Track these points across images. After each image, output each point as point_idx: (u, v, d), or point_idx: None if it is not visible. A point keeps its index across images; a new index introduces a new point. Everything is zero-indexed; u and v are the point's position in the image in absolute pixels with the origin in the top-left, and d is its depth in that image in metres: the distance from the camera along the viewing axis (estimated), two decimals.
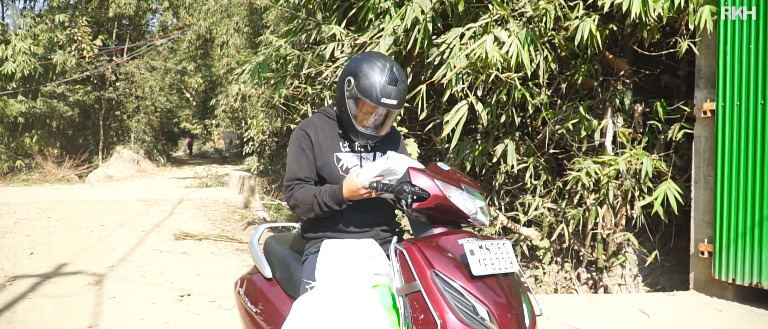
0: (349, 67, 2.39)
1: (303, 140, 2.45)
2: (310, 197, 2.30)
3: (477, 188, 2.16)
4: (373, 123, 2.39)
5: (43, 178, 18.33)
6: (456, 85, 4.34)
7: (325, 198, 2.28)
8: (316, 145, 2.45)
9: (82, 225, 7.62)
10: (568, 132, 4.78)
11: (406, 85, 2.41)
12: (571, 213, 4.86)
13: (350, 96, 2.36)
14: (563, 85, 4.88)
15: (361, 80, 2.32)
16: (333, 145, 2.48)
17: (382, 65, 2.34)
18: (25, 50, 16.86)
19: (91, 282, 5.49)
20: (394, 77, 2.32)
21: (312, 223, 2.50)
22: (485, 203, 2.15)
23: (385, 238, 2.49)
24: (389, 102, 2.31)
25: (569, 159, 5.05)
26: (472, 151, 4.98)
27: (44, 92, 19.21)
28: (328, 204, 2.27)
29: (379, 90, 2.29)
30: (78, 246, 6.68)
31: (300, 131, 2.47)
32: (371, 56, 2.39)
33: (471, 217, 2.07)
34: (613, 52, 4.91)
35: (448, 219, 2.10)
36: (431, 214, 2.08)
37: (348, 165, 2.48)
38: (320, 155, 2.44)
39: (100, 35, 19.80)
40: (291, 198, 2.37)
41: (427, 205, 2.02)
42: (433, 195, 2.00)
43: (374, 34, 4.94)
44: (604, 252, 5.00)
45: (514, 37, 4.17)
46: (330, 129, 2.51)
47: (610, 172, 4.59)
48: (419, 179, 2.03)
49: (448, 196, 2.01)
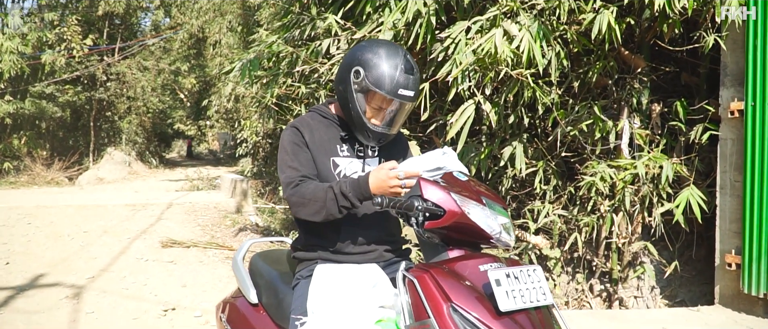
0: (354, 57, 2.05)
1: (296, 137, 2.10)
2: (323, 191, 1.93)
3: (500, 202, 1.81)
4: (386, 119, 2.07)
5: (31, 181, 17.89)
6: (462, 83, 4.00)
7: (346, 189, 1.89)
8: (312, 145, 2.10)
9: (63, 233, 7.24)
10: (581, 133, 4.44)
11: (420, 75, 2.09)
12: (584, 221, 4.53)
13: (359, 89, 2.03)
14: (575, 84, 4.55)
15: (373, 70, 1.98)
16: (329, 148, 2.13)
17: (394, 52, 2.02)
18: (12, 50, 16.43)
19: (68, 296, 5.12)
20: (409, 66, 2.01)
21: (304, 240, 2.15)
22: (509, 219, 1.81)
23: (390, 260, 2.15)
24: (406, 93, 2.00)
25: (581, 162, 4.72)
26: (478, 154, 4.64)
27: (33, 93, 18.77)
28: (347, 196, 1.89)
29: (395, 80, 1.97)
30: (57, 256, 6.30)
31: (292, 129, 2.12)
32: (379, 43, 2.06)
33: (494, 237, 1.73)
34: (629, 48, 4.58)
35: (465, 240, 1.75)
36: (446, 234, 1.73)
37: (346, 171, 2.14)
38: (315, 158, 2.10)
39: (90, 34, 19.34)
40: (295, 195, 1.98)
41: (441, 224, 1.67)
42: (449, 211, 1.66)
43: (373, 29, 4.60)
44: (619, 263, 4.67)
45: (526, 31, 3.83)
46: (325, 130, 2.17)
47: (627, 177, 4.26)
48: (432, 192, 1.69)
49: (466, 213, 1.67)
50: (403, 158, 2.29)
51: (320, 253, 2.10)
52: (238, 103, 13.79)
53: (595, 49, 4.41)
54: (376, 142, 2.12)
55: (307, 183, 1.99)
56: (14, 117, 18.38)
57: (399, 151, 2.31)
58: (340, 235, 2.04)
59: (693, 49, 4.22)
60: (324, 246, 2.09)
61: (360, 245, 2.08)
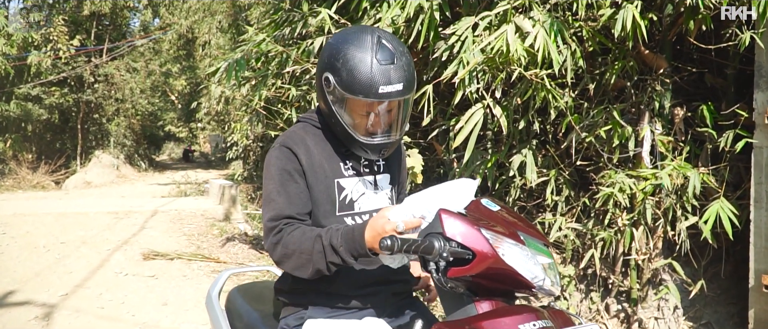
0: (321, 59, 1.63)
1: (288, 162, 1.66)
2: (311, 241, 1.52)
3: (540, 237, 1.41)
4: (381, 125, 1.64)
5: (16, 185, 17.41)
6: (470, 85, 3.60)
7: (337, 242, 1.49)
8: (310, 169, 1.66)
9: (39, 243, 6.80)
10: (597, 140, 4.06)
11: (409, 58, 1.62)
12: (600, 236, 4.14)
13: (335, 99, 1.60)
14: (591, 86, 4.16)
15: (341, 72, 1.56)
16: (331, 169, 1.70)
17: (362, 40, 1.57)
18: None
19: (38, 316, 4.71)
20: (388, 53, 1.56)
21: (291, 280, 1.74)
22: (552, 260, 1.41)
23: (399, 305, 1.75)
24: (391, 89, 1.55)
25: (596, 171, 4.33)
26: (484, 163, 4.24)
27: (18, 94, 18.29)
28: (337, 251, 1.49)
29: (371, 76, 1.53)
30: (30, 270, 5.87)
31: (283, 150, 1.68)
32: (345, 33, 1.63)
33: (535, 286, 1.33)
34: (650, 47, 4.19)
35: (497, 288, 1.36)
36: (473, 281, 1.33)
37: (354, 196, 1.72)
38: (313, 185, 1.67)
39: (77, 35, 18.89)
40: (278, 245, 1.58)
41: (471, 272, 1.27)
42: (480, 253, 1.26)
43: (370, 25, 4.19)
44: (638, 281, 4.28)
45: (540, 27, 3.44)
46: (324, 144, 1.73)
47: (647, 188, 3.88)
48: (457, 228, 1.28)
49: (501, 256, 1.27)
50: (398, 167, 1.89)
51: (311, 297, 1.69)
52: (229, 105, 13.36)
53: (614, 48, 4.03)
54: (377, 155, 1.71)
55: (292, 228, 1.58)
56: None
57: (394, 159, 1.90)
58: (335, 274, 1.63)
59: (717, 48, 3.84)
60: (315, 287, 1.68)
61: (361, 287, 1.67)
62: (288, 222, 1.61)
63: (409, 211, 1.37)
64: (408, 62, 1.62)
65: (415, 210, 1.37)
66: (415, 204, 1.38)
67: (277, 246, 1.59)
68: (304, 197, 1.66)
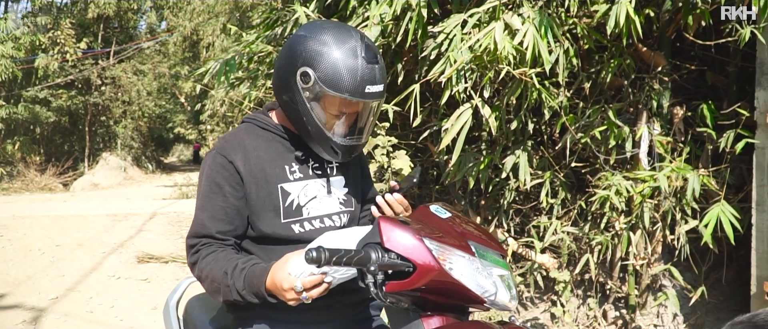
0: (296, 53, 1.51)
1: (221, 172, 1.55)
2: (221, 274, 1.44)
3: (495, 246, 1.29)
4: (352, 126, 1.58)
5: (24, 187, 17.48)
6: (457, 85, 3.48)
7: (240, 284, 1.42)
8: (248, 177, 1.55)
9: (34, 246, 6.75)
10: (593, 141, 3.92)
11: (383, 60, 1.57)
12: (596, 240, 4.00)
13: (313, 96, 1.50)
14: (586, 85, 4.02)
15: (326, 68, 1.46)
16: (274, 173, 1.60)
17: (347, 37, 1.49)
18: (5, 54, 16.03)
19: (26, 320, 4.64)
20: (372, 53, 1.50)
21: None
22: (509, 272, 1.29)
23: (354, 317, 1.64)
24: (375, 90, 1.50)
25: (593, 173, 4.20)
26: (477, 164, 4.11)
27: (26, 97, 18.37)
28: (242, 296, 1.43)
29: (358, 76, 1.46)
30: (23, 273, 5.82)
31: (217, 158, 1.58)
32: (324, 28, 1.52)
33: (487, 301, 1.21)
34: (647, 44, 4.05)
35: (447, 303, 1.24)
36: (420, 296, 1.22)
37: (301, 200, 1.62)
38: (255, 192, 1.56)
39: (84, 38, 18.97)
40: (194, 266, 1.52)
41: (410, 286, 1.15)
42: (421, 266, 1.14)
43: (359, 24, 4.08)
44: (637, 287, 4.14)
45: (530, 24, 3.31)
46: (266, 146, 1.62)
47: (646, 190, 3.73)
48: (397, 238, 1.17)
49: (447, 269, 1.15)
50: (357, 170, 1.79)
51: (259, 311, 1.59)
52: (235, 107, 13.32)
53: (610, 46, 3.89)
54: (347, 157, 1.61)
55: (208, 251, 1.51)
56: (7, 122, 17.98)
57: (354, 163, 1.80)
58: None
59: (718, 44, 3.69)
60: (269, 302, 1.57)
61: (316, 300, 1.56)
62: (206, 243, 1.54)
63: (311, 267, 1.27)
64: (384, 66, 1.58)
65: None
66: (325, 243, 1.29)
67: (194, 267, 1.55)
68: (231, 212, 1.56)
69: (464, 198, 4.73)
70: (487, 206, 4.71)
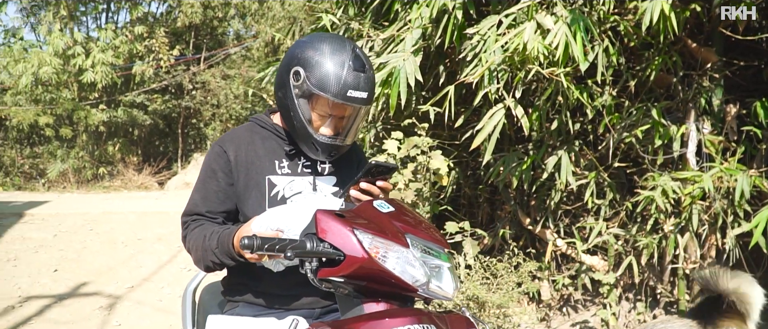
0: (293, 55, 1.69)
1: (216, 160, 1.76)
2: (201, 240, 1.63)
3: (437, 240, 1.37)
4: (336, 127, 1.71)
5: (123, 185, 18.79)
6: (489, 85, 3.51)
7: (213, 244, 1.60)
8: (237, 166, 1.74)
9: (118, 240, 7.32)
10: (637, 141, 3.83)
11: (374, 73, 1.71)
12: (643, 242, 3.90)
13: (301, 93, 1.66)
14: (632, 83, 3.93)
15: (315, 69, 1.62)
16: (263, 165, 1.76)
17: (339, 47, 1.65)
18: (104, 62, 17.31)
19: (103, 306, 5.08)
20: (360, 62, 1.65)
21: (228, 276, 1.82)
22: (447, 263, 1.36)
23: (329, 307, 1.77)
24: (357, 95, 1.63)
25: (641, 174, 4.09)
26: (520, 165, 4.11)
27: (125, 102, 19.72)
28: (216, 255, 1.60)
29: (343, 79, 1.61)
30: (105, 263, 6.34)
31: (215, 148, 1.79)
32: (321, 38, 1.68)
33: (419, 289, 1.30)
34: (697, 40, 3.90)
35: (385, 291, 1.33)
36: (359, 284, 1.32)
37: (286, 193, 1.76)
38: (243, 181, 1.74)
39: (177, 45, 20.12)
40: (185, 240, 1.72)
41: (340, 273, 1.26)
42: (350, 257, 1.25)
43: (401, 27, 4.19)
44: (688, 291, 3.99)
45: (563, 24, 3.29)
46: (262, 142, 1.80)
47: (695, 191, 3.60)
48: (330, 229, 1.28)
49: (375, 258, 1.25)
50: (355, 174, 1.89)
51: (244, 295, 1.74)
52: None
53: (655, 43, 3.79)
54: (326, 155, 1.75)
55: (196, 225, 1.70)
56: (108, 125, 19.38)
57: (346, 165, 1.91)
58: (263, 272, 1.68)
59: None
60: (246, 284, 1.74)
61: (288, 287, 1.70)
62: (195, 219, 1.71)
63: (268, 223, 1.40)
64: (373, 76, 1.72)
65: (275, 222, 1.40)
66: (278, 215, 1.41)
67: (184, 240, 1.74)
68: (221, 195, 1.73)
69: (513, 199, 4.72)
70: (535, 207, 4.68)
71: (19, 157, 19.10)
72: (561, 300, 4.79)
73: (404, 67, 3.78)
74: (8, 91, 17.95)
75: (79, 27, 19.12)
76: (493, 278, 3.82)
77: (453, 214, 4.83)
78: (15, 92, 17.56)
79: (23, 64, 16.41)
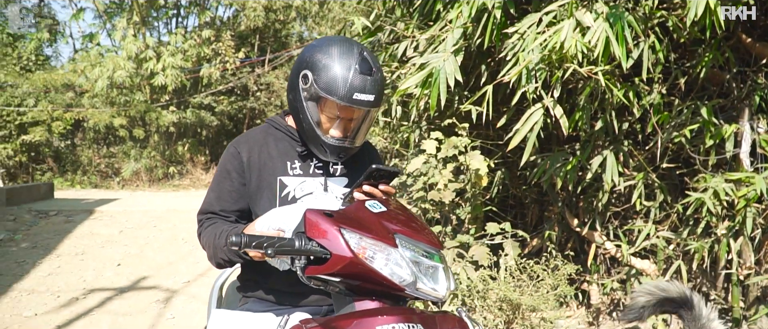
0: (302, 59, 1.74)
1: (230, 161, 1.83)
2: (213, 239, 1.70)
3: (429, 240, 1.38)
4: (344, 129, 1.74)
5: (191, 184, 19.55)
6: (527, 84, 3.46)
7: (222, 242, 1.67)
8: (250, 167, 1.80)
9: (179, 236, 7.64)
10: (687, 140, 3.68)
11: (383, 75, 1.72)
12: (694, 246, 3.74)
13: (309, 96, 1.72)
14: (681, 80, 3.78)
15: (322, 72, 1.67)
16: (275, 166, 1.82)
17: (347, 50, 1.68)
18: (174, 65, 18.06)
19: (160, 299, 5.31)
20: (367, 65, 1.68)
21: (242, 273, 1.89)
22: (438, 264, 1.37)
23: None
24: (363, 98, 1.66)
25: (694, 175, 3.93)
26: (564, 165, 4.03)
27: (193, 103, 20.50)
28: (225, 253, 1.67)
29: (349, 82, 1.65)
30: (165, 259, 6.62)
31: (230, 148, 1.86)
32: (331, 41, 1.72)
33: (406, 289, 1.31)
34: (752, 35, 3.71)
35: (381, 291, 1.35)
36: (359, 284, 1.34)
37: (297, 193, 1.82)
38: (255, 181, 1.80)
39: (242, 48, 20.75)
40: (200, 237, 1.80)
41: (326, 271, 1.29)
42: (336, 255, 1.28)
43: (443, 27, 4.19)
44: (743, 299, 3.80)
45: (603, 21, 3.21)
46: (275, 144, 1.86)
47: (749, 194, 3.43)
48: (317, 228, 1.32)
49: (362, 258, 1.27)
50: None
51: (257, 292, 1.81)
52: None
53: (707, 38, 3.63)
54: (334, 157, 1.79)
55: (210, 223, 1.76)
56: (178, 126, 20.22)
57: (364, 165, 1.94)
58: (271, 269, 1.74)
59: None
60: (259, 281, 1.80)
61: (294, 284, 1.75)
62: (209, 218, 1.77)
63: (270, 223, 1.45)
64: (381, 79, 1.73)
65: (276, 222, 1.45)
66: (279, 215, 1.45)
67: (199, 238, 1.81)
68: (235, 195, 1.79)
69: (561, 200, 4.63)
70: (584, 208, 4.58)
71: (96, 156, 20.16)
72: (611, 305, 4.66)
73: (444, 68, 3.77)
74: (86, 93, 19.00)
75: (151, 32, 19.99)
76: (530, 280, 3.76)
77: (498, 215, 4.78)
78: (92, 95, 18.58)
79: (99, 68, 17.33)
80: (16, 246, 7.02)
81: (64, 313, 4.75)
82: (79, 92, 19.51)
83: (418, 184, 4.38)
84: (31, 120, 18.55)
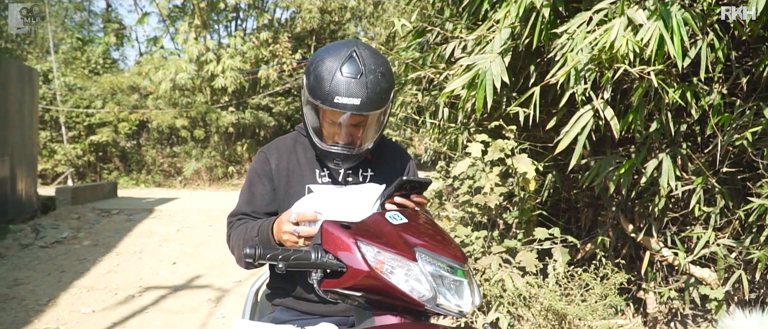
0: (308, 65, 1.72)
1: (261, 166, 1.85)
2: (243, 235, 1.71)
3: (453, 255, 1.33)
4: (346, 135, 1.70)
5: None
6: (575, 86, 3.35)
7: (254, 233, 1.67)
8: (278, 174, 1.81)
9: None
10: (749, 143, 3.47)
11: (380, 77, 1.63)
12: (756, 255, 3.53)
13: (305, 102, 1.72)
14: (743, 80, 3.57)
15: (310, 78, 1.65)
16: (304, 173, 1.82)
17: (336, 52, 1.63)
18: (233, 67, 18.51)
19: (211, 298, 5.43)
20: (354, 66, 1.60)
21: (270, 280, 1.89)
22: (463, 278, 1.33)
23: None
24: (346, 101, 1.59)
25: (757, 180, 3.71)
26: (617, 169, 3.88)
27: (251, 104, 20.95)
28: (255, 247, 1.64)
29: (330, 86, 1.59)
30: (218, 258, 6.77)
31: (260, 155, 1.89)
32: (329, 45, 1.70)
33: (426, 305, 1.27)
34: None
35: (401, 305, 1.32)
36: (379, 299, 1.31)
37: None
38: (284, 188, 1.80)
39: (299, 49, 21.05)
40: (229, 238, 1.82)
41: (342, 285, 1.26)
42: (352, 269, 1.25)
43: (490, 27, 4.11)
44: None
45: (656, 18, 3.07)
46: (303, 152, 1.86)
47: None
48: (334, 241, 1.29)
49: (380, 272, 1.24)
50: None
51: (285, 300, 1.81)
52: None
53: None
54: (332, 163, 1.77)
55: (240, 223, 1.77)
56: (237, 126, 20.71)
57: (393, 170, 1.91)
58: (297, 276, 1.73)
59: None
60: (287, 289, 1.80)
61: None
62: (240, 218, 1.80)
63: (309, 205, 1.44)
64: (375, 81, 1.63)
65: (314, 205, 1.44)
66: (318, 199, 1.45)
67: (229, 239, 1.82)
68: (267, 198, 1.80)
69: (615, 204, 4.47)
70: (639, 213, 4.40)
71: (160, 156, 20.89)
72: (669, 314, 4.47)
73: (490, 69, 3.70)
74: (150, 95, 19.71)
75: (211, 35, 20.52)
76: (578, 289, 3.64)
77: (549, 219, 4.65)
78: (156, 97, 19.24)
79: (163, 70, 17.94)
80: (79, 244, 7.34)
81: (120, 310, 4.92)
82: (143, 94, 20.25)
83: (463, 188, 4.31)
84: (99, 121, 19.41)
